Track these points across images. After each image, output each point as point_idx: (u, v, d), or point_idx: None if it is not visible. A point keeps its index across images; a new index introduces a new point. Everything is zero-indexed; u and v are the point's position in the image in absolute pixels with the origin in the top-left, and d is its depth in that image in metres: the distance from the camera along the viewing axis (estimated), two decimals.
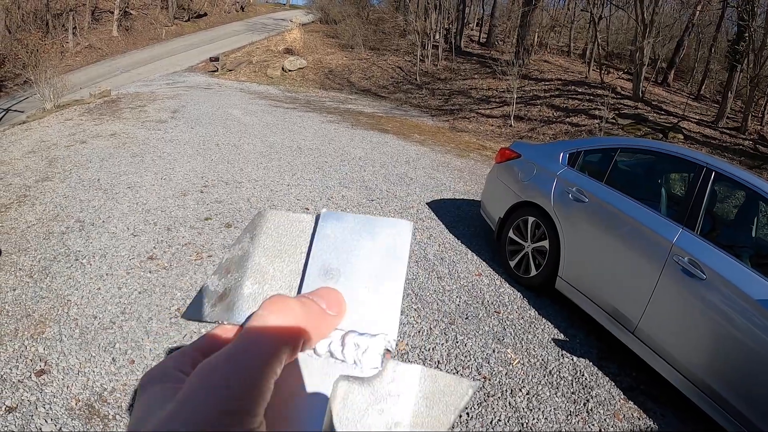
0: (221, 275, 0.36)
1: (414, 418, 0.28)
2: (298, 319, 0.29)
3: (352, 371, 0.30)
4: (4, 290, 3.63)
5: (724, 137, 12.85)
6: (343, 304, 0.32)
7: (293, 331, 0.28)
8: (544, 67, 19.02)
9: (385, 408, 0.28)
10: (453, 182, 7.50)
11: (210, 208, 5.42)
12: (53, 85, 11.84)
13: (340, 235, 0.35)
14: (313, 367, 0.30)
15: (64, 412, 2.56)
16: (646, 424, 3.05)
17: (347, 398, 0.28)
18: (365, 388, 0.29)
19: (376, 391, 0.29)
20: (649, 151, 4.23)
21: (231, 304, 0.34)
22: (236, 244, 0.37)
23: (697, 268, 3.03)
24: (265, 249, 0.36)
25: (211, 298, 0.35)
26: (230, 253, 0.37)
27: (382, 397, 0.29)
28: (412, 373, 0.30)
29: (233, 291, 0.35)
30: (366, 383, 0.29)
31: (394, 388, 0.29)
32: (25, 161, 6.67)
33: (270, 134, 9.35)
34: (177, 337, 3.23)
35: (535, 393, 3.13)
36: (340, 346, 0.30)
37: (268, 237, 0.37)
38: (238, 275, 0.35)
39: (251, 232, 0.37)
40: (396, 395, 0.29)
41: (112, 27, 26.77)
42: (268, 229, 0.37)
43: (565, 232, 4.04)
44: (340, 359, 0.30)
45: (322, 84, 19.87)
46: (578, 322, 3.98)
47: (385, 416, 0.28)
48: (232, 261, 0.36)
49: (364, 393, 0.29)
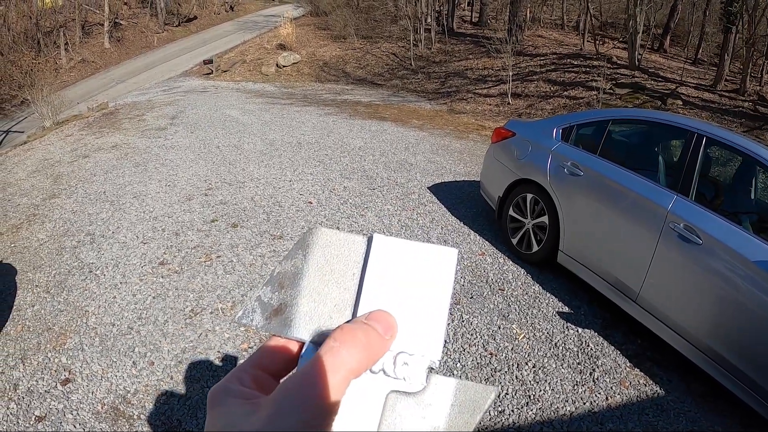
0: (274, 288, 0.39)
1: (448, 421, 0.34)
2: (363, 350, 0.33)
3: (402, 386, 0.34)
4: (23, 307, 3.76)
5: (723, 100, 12.76)
6: (395, 327, 0.35)
7: (360, 361, 0.33)
8: (539, 42, 18.91)
9: (427, 415, 0.34)
10: (453, 165, 7.56)
11: (215, 209, 5.52)
12: (50, 103, 11.94)
13: (391, 261, 0.37)
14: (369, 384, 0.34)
15: (91, 417, 2.68)
16: (653, 389, 3.13)
17: (396, 407, 0.33)
18: (411, 399, 0.34)
19: (420, 402, 0.34)
20: (640, 121, 4.28)
21: (288, 320, 0.37)
22: (288, 260, 0.39)
23: (693, 234, 3.09)
24: (318, 268, 0.38)
25: (266, 310, 0.38)
26: (282, 267, 0.39)
27: (425, 407, 0.34)
28: (448, 385, 0.35)
29: (289, 307, 0.38)
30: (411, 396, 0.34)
31: (434, 398, 0.34)
32: (31, 180, 6.80)
33: (269, 132, 9.43)
34: (193, 337, 3.35)
35: (542, 366, 3.22)
36: (392, 365, 0.34)
37: (320, 256, 0.39)
38: (292, 292, 0.38)
39: (303, 250, 0.39)
40: (436, 405, 0.34)
41: (103, 39, 26.79)
42: (320, 247, 0.39)
43: (563, 206, 4.11)
44: (392, 377, 0.34)
45: (318, 77, 19.86)
46: (581, 294, 4.05)
47: (427, 421, 0.33)
48: (285, 276, 0.39)
49: (410, 403, 0.34)
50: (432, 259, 0.37)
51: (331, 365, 0.31)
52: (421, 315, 0.36)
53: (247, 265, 4.33)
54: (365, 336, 0.34)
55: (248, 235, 4.91)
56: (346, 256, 0.39)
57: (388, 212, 5.56)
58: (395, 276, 0.37)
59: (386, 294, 0.37)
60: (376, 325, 0.34)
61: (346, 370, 0.32)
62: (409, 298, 0.36)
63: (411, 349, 0.35)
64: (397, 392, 0.34)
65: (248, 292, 3.92)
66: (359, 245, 0.39)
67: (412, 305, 0.36)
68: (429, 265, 0.37)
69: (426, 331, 0.36)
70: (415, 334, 0.36)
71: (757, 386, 2.67)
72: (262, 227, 5.09)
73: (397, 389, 0.34)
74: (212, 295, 3.88)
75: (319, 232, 0.40)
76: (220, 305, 3.74)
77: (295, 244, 0.40)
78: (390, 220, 5.35)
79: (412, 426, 0.33)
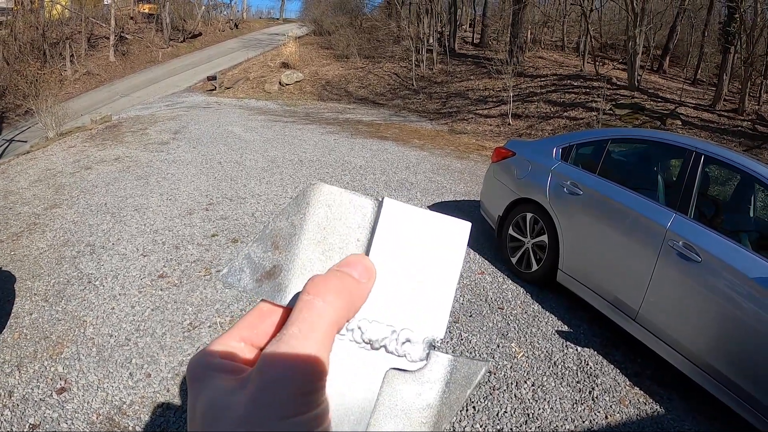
0: (267, 247, 0.35)
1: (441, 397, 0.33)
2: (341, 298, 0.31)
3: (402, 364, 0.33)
4: (21, 315, 3.75)
5: (722, 120, 12.87)
6: (372, 270, 0.33)
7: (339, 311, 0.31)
8: (539, 63, 19.12)
9: (423, 392, 0.33)
10: (453, 184, 7.60)
11: (216, 224, 5.53)
12: (54, 114, 12.04)
13: (401, 228, 0.35)
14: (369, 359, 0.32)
15: (86, 427, 2.66)
16: (653, 408, 3.11)
17: (393, 383, 0.33)
18: (410, 376, 0.33)
19: (418, 379, 0.33)
20: (639, 140, 4.31)
21: (281, 285, 0.34)
22: (284, 216, 0.36)
23: (692, 251, 3.09)
24: (319, 229, 0.36)
25: (257, 271, 0.35)
26: (277, 224, 0.36)
27: (422, 383, 0.33)
28: (443, 362, 0.33)
29: (284, 271, 0.35)
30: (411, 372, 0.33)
31: (431, 376, 0.33)
32: (33, 190, 6.82)
33: (271, 149, 9.48)
34: (190, 350, 3.33)
35: (540, 384, 3.20)
36: (394, 342, 0.33)
37: (322, 216, 0.36)
38: (288, 254, 0.35)
39: (303, 207, 0.36)
40: (432, 382, 0.33)
41: (108, 52, 27.12)
42: (323, 206, 0.36)
43: (563, 225, 4.12)
44: (394, 354, 0.33)
45: (320, 96, 20.03)
46: (581, 312, 4.04)
47: (422, 399, 0.33)
48: (280, 235, 0.36)
49: (408, 380, 0.33)
50: (444, 231, 0.35)
51: (308, 321, 0.29)
52: (428, 290, 0.34)
53: None
54: (341, 283, 0.31)
55: None
56: (352, 218, 0.36)
57: None
58: (404, 246, 0.35)
59: (393, 264, 0.34)
60: (351, 271, 0.32)
61: (326, 324, 0.30)
62: (417, 271, 0.34)
63: (414, 326, 0.33)
64: (397, 369, 0.33)
65: (238, 253, 3.91)
66: (367, 208, 0.36)
67: (419, 279, 0.34)
68: (440, 237, 0.35)
69: (431, 307, 0.34)
70: (420, 310, 0.34)
71: (758, 403, 2.66)
72: None
73: (397, 367, 0.33)
74: (211, 309, 3.87)
75: (323, 189, 0.36)
76: (219, 319, 3.73)
77: (292, 199, 0.36)
78: None
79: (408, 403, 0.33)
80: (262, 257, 0.35)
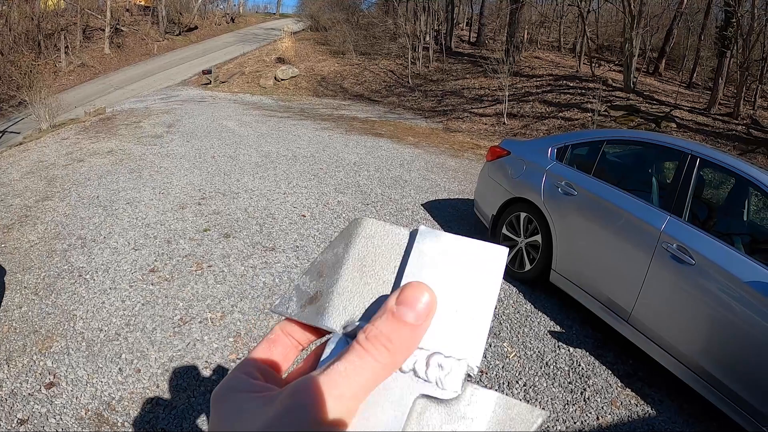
0: (313, 277, 0.37)
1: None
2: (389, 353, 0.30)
3: (433, 391, 0.30)
4: (11, 308, 3.71)
5: (716, 123, 12.93)
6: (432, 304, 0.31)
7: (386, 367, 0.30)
8: (535, 63, 19.13)
9: (458, 429, 0.30)
10: (447, 183, 7.59)
11: (208, 219, 5.50)
12: (48, 105, 11.94)
13: (435, 254, 0.34)
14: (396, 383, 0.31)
15: (74, 422, 2.63)
16: (644, 409, 3.11)
17: (423, 415, 0.30)
18: (442, 408, 0.30)
19: (452, 412, 0.30)
20: (634, 142, 4.31)
21: (321, 308, 0.35)
22: (330, 248, 0.38)
23: (686, 254, 3.10)
24: (359, 258, 0.36)
25: (302, 298, 0.36)
26: (323, 256, 0.38)
27: (457, 419, 0.30)
28: (488, 399, 0.31)
29: (324, 296, 0.36)
30: (443, 404, 0.30)
31: (469, 411, 0.30)
32: (25, 182, 6.75)
33: (265, 144, 9.44)
34: (181, 346, 3.31)
35: (532, 384, 3.20)
36: (424, 366, 0.31)
37: (362, 246, 0.37)
38: (330, 281, 0.36)
39: (346, 239, 0.37)
40: (470, 419, 0.30)
41: (103, 45, 26.91)
42: (363, 238, 0.37)
43: (557, 225, 4.12)
44: (424, 378, 0.31)
45: (315, 91, 19.97)
46: (574, 313, 4.05)
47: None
48: (325, 265, 0.37)
49: (440, 412, 0.30)
50: (480, 257, 0.34)
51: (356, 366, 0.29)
52: (463, 315, 0.33)
53: (238, 276, 4.30)
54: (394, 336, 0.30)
55: (240, 245, 4.89)
56: (389, 247, 0.36)
57: None
58: (438, 271, 0.34)
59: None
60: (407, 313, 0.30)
61: (369, 375, 0.29)
62: (451, 296, 0.33)
63: (447, 351, 0.32)
64: (427, 397, 0.30)
65: (233, 302, 3.89)
66: (403, 237, 0.36)
67: (453, 303, 0.33)
68: (476, 263, 0.34)
69: (466, 332, 0.32)
70: (454, 335, 0.32)
71: (748, 406, 2.67)
72: (254, 238, 5.07)
73: (428, 394, 0.30)
74: (202, 304, 3.85)
75: (364, 223, 0.38)
76: (210, 315, 3.71)
77: (339, 234, 0.38)
78: None
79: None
80: (308, 286, 0.37)
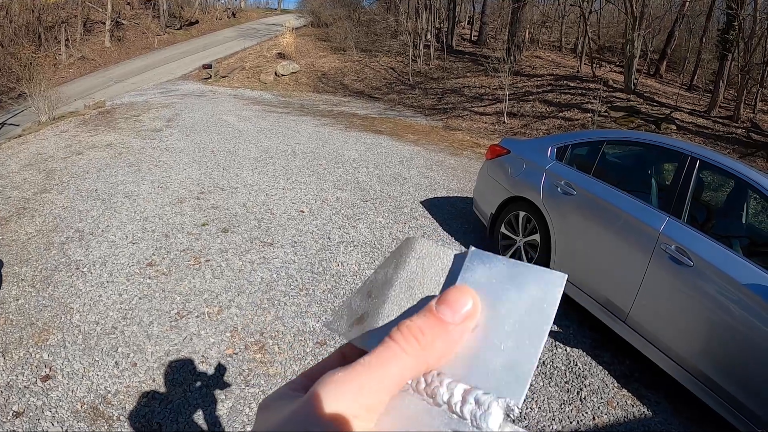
0: (363, 297, 0.36)
1: None
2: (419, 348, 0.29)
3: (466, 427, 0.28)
4: (8, 300, 3.70)
5: (717, 126, 12.92)
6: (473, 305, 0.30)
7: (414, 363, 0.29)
8: (536, 62, 19.11)
9: None
10: (447, 180, 7.58)
11: (207, 214, 5.49)
12: (48, 98, 11.89)
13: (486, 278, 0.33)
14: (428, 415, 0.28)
15: (70, 415, 2.63)
16: (640, 410, 3.12)
17: None
18: None
19: None
20: (635, 143, 4.30)
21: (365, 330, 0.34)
22: (382, 268, 0.37)
23: (685, 256, 3.09)
24: (408, 279, 0.35)
25: (352, 317, 0.35)
26: (375, 276, 0.37)
27: None
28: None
29: (371, 317, 0.34)
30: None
31: None
32: (23, 174, 6.74)
33: (264, 139, 9.43)
34: (177, 340, 3.30)
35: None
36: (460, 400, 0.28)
37: (413, 266, 0.35)
38: (377, 302, 0.35)
39: (397, 259, 0.36)
40: None
41: (104, 38, 26.81)
42: (414, 258, 0.36)
43: (556, 225, 4.11)
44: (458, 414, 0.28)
45: (316, 87, 19.93)
46: (571, 313, 4.04)
47: None
48: (375, 285, 0.36)
49: None
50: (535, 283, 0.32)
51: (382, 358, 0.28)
52: (509, 347, 0.30)
53: (236, 271, 4.30)
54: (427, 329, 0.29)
55: (238, 240, 4.88)
56: (439, 269, 0.35)
57: (380, 225, 5.55)
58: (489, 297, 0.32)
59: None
60: (444, 311, 0.30)
61: (398, 368, 0.28)
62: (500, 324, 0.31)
63: (487, 386, 0.29)
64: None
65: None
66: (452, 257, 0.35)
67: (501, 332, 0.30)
68: (530, 290, 0.32)
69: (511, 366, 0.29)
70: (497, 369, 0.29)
71: (745, 409, 2.67)
72: (252, 233, 5.06)
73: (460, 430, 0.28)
74: (199, 298, 3.84)
75: (416, 243, 0.36)
76: (207, 309, 3.70)
77: (391, 253, 0.37)
78: (381, 233, 5.33)
79: None
80: (359, 305, 0.36)
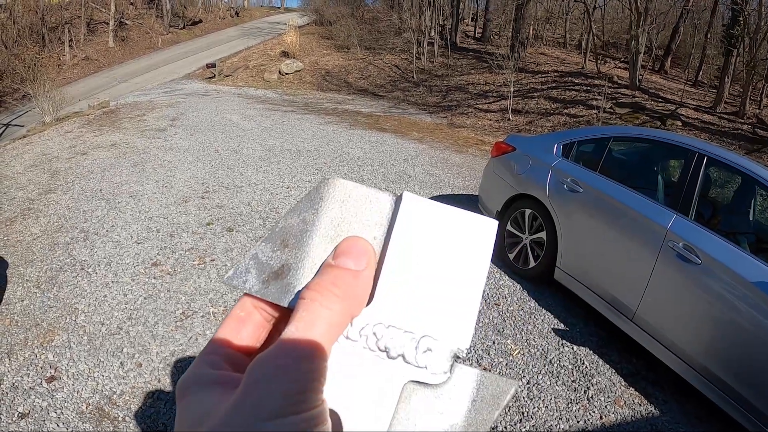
0: (275, 246, 0.33)
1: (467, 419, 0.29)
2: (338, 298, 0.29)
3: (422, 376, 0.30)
4: (13, 301, 3.70)
5: (722, 122, 12.85)
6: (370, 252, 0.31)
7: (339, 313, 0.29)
8: (541, 59, 19.04)
9: (445, 411, 0.29)
10: (451, 178, 7.56)
11: (211, 213, 5.48)
12: (52, 99, 11.94)
13: (421, 225, 0.32)
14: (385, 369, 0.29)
15: (75, 416, 2.62)
16: (648, 409, 3.09)
17: (411, 399, 0.29)
18: (430, 392, 0.29)
19: (440, 394, 0.30)
20: (641, 139, 4.27)
21: (289, 286, 0.32)
22: (295, 213, 0.33)
23: (692, 253, 3.06)
24: (333, 226, 0.33)
25: (264, 271, 0.32)
26: (287, 221, 0.33)
27: (444, 401, 0.30)
28: (470, 377, 0.30)
29: (293, 271, 0.32)
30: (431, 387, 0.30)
31: (455, 392, 0.30)
32: (28, 175, 6.75)
33: (269, 138, 9.42)
34: (183, 340, 3.29)
35: (536, 382, 3.18)
36: (413, 351, 0.30)
37: (336, 212, 0.33)
38: (298, 253, 0.32)
39: (316, 203, 0.33)
40: (456, 399, 0.30)
41: (108, 38, 26.90)
42: (337, 202, 0.33)
43: (562, 222, 4.08)
44: (413, 364, 0.30)
45: (320, 86, 19.93)
46: (578, 311, 4.02)
47: (445, 417, 0.29)
48: (291, 232, 0.33)
49: (428, 396, 0.29)
50: (469, 229, 0.32)
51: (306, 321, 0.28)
52: (451, 294, 0.31)
53: None
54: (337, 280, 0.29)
55: (243, 239, 4.87)
56: (368, 215, 0.33)
57: None
58: (424, 245, 0.31)
59: (412, 265, 0.31)
60: (346, 261, 0.30)
61: (325, 325, 0.28)
62: (439, 274, 0.31)
63: (436, 334, 0.30)
64: (416, 382, 0.30)
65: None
66: (385, 204, 0.33)
67: (441, 282, 0.31)
68: (464, 236, 0.32)
69: (455, 313, 0.31)
70: (442, 316, 0.30)
71: (753, 408, 2.64)
72: (257, 232, 5.05)
73: (417, 379, 0.30)
74: (204, 298, 3.84)
75: (338, 184, 0.34)
76: (212, 309, 3.70)
77: (305, 195, 0.34)
78: None
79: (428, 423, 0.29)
80: (270, 257, 0.33)
